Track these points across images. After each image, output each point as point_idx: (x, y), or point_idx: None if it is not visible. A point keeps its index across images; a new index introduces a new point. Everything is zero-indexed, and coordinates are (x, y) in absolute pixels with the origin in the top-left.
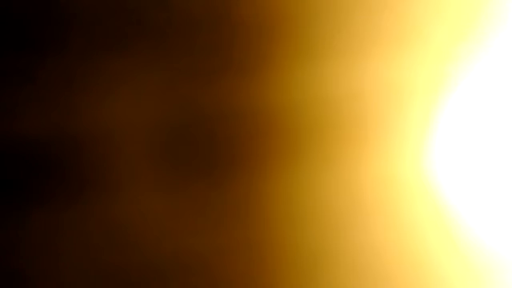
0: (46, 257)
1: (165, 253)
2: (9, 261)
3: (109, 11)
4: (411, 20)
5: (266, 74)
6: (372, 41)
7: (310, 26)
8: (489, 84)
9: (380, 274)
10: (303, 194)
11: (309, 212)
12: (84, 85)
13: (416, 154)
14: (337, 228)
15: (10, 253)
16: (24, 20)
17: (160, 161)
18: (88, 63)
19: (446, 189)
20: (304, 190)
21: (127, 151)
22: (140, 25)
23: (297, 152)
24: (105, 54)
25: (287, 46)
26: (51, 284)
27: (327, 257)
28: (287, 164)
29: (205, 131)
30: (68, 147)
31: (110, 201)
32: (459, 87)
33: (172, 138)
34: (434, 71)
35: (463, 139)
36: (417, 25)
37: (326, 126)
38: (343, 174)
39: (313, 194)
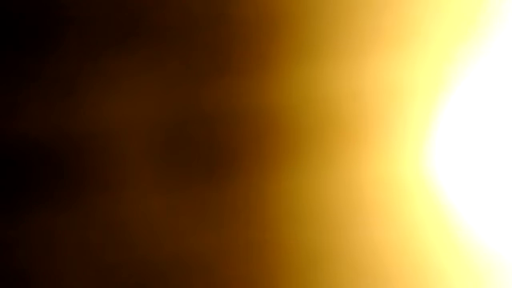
0: (46, 257)
1: (165, 253)
2: (9, 261)
3: (108, 11)
4: (411, 20)
5: (266, 74)
6: (372, 41)
7: (310, 26)
8: (489, 84)
9: (380, 274)
10: (303, 194)
11: (309, 212)
12: (84, 85)
13: (416, 154)
14: (337, 228)
15: (10, 253)
16: (24, 20)
17: (160, 161)
18: (88, 63)
19: (446, 189)
20: (304, 190)
21: (127, 151)
22: (140, 25)
23: (297, 152)
24: (105, 53)
25: (287, 46)
26: (51, 284)
27: (327, 257)
28: (287, 164)
29: (205, 131)
30: (68, 147)
31: (110, 201)
32: (459, 87)
33: (172, 138)
34: (434, 71)
35: (463, 139)
36: (417, 25)
37: (326, 126)
38: (343, 174)
39: (313, 194)
